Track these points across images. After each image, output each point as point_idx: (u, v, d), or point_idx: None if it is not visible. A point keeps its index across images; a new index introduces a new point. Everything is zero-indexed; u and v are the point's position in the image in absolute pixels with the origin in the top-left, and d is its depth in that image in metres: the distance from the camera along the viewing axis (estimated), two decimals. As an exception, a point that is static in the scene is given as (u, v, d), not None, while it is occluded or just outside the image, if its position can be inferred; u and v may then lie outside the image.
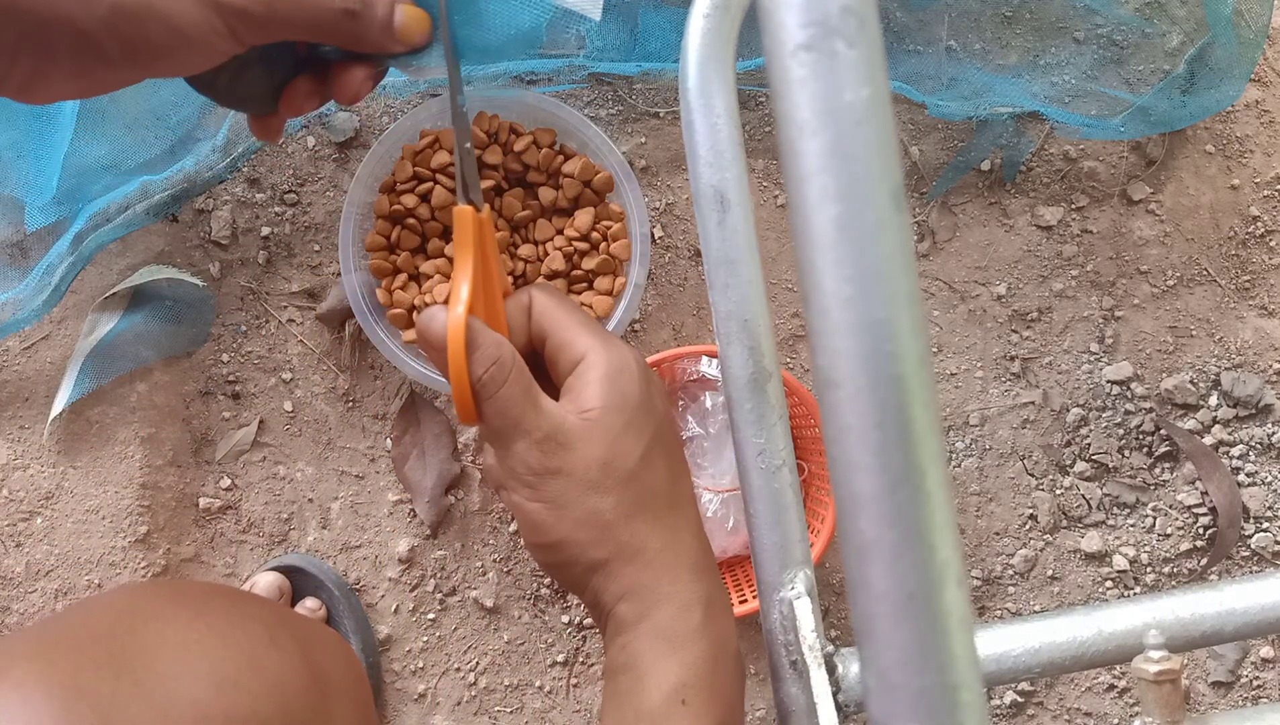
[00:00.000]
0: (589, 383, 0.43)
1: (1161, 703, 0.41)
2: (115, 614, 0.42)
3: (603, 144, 0.74)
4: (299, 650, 0.43)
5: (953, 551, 0.27)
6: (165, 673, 0.39)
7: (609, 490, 0.43)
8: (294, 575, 0.78)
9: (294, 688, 0.41)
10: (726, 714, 0.43)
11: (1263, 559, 0.81)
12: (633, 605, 0.43)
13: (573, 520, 0.43)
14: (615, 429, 0.43)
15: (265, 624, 0.43)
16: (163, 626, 0.41)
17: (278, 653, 0.42)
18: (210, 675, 0.39)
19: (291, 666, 0.42)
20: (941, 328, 0.82)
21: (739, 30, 0.46)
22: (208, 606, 0.43)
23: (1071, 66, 0.81)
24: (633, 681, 0.43)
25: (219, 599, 0.45)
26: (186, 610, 0.42)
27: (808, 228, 0.27)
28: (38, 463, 0.79)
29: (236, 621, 0.43)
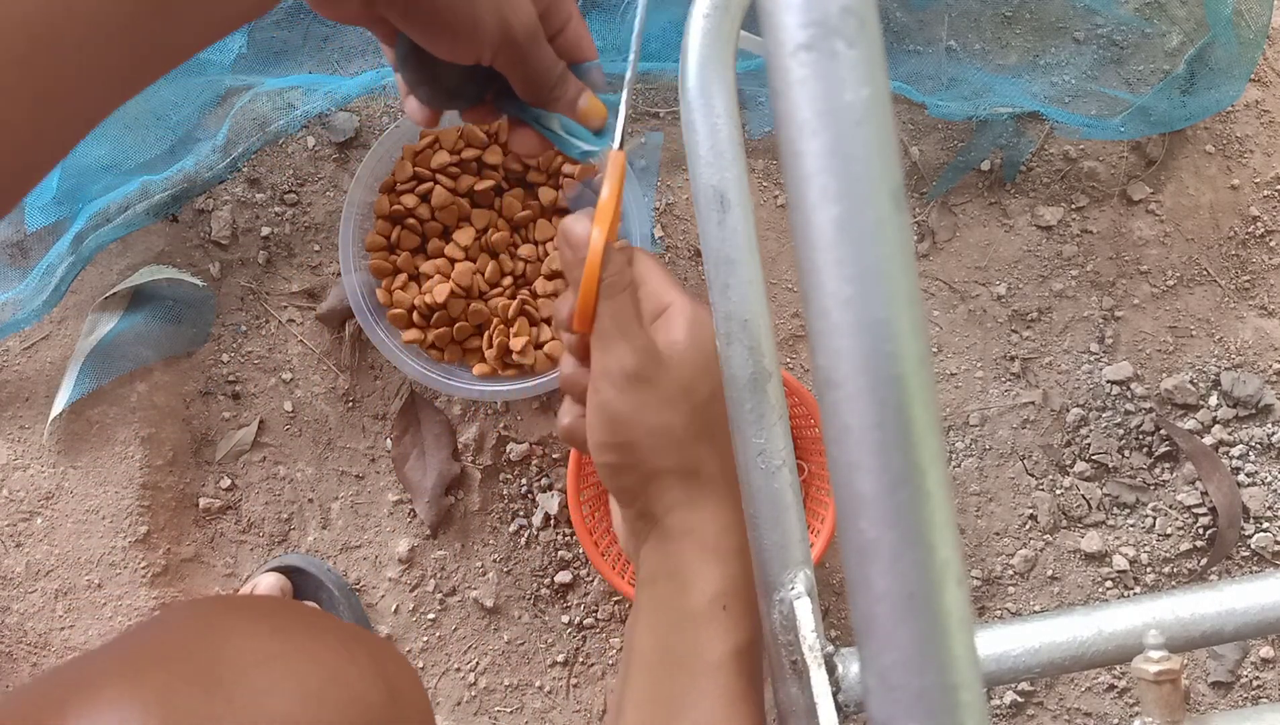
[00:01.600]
0: (675, 324, 0.47)
1: (1161, 703, 0.41)
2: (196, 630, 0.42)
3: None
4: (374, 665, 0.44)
5: (953, 551, 0.27)
6: (253, 687, 0.39)
7: (683, 412, 0.46)
8: (294, 575, 0.78)
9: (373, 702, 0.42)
10: (757, 628, 0.46)
11: (1263, 559, 0.81)
12: (682, 517, 0.47)
13: (647, 426, 0.46)
14: (695, 363, 0.47)
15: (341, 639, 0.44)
16: (243, 642, 0.41)
17: (356, 668, 0.42)
18: (297, 689, 0.40)
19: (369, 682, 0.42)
20: (941, 328, 0.82)
21: (739, 30, 0.46)
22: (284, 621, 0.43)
23: (1071, 66, 0.81)
24: (676, 587, 0.46)
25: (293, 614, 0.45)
26: (264, 625, 0.43)
27: (808, 228, 0.27)
28: (38, 463, 0.79)
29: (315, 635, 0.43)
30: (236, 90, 0.79)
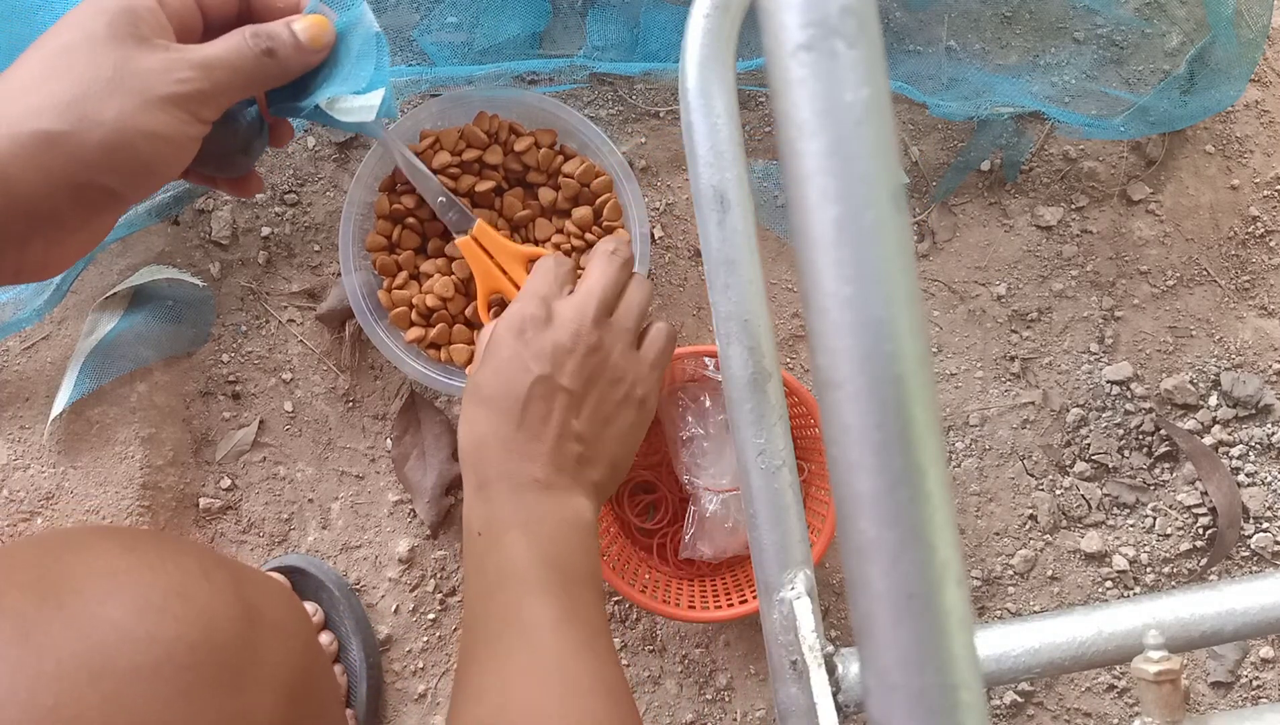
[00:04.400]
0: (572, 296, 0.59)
1: (1161, 703, 0.41)
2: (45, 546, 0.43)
3: (603, 144, 0.74)
4: (232, 586, 0.44)
5: (953, 551, 0.27)
6: (90, 596, 0.40)
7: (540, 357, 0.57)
8: (294, 576, 0.78)
9: (223, 617, 0.42)
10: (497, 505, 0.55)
11: (1263, 559, 0.81)
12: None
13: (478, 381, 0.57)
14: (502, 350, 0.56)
15: (199, 559, 0.45)
16: (91, 558, 0.42)
17: (209, 584, 0.43)
18: (136, 601, 0.40)
19: (222, 599, 0.43)
20: (941, 328, 0.82)
21: (739, 30, 0.46)
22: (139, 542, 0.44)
23: (1071, 66, 0.81)
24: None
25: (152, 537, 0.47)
26: (116, 544, 0.43)
27: (808, 228, 0.27)
28: (38, 463, 0.79)
29: (168, 554, 0.44)
30: (236, 90, 0.79)
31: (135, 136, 0.44)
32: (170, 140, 0.46)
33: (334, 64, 0.55)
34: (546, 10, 0.79)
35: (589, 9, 0.79)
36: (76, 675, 0.37)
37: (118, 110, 0.44)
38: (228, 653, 0.41)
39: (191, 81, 0.46)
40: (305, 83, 0.55)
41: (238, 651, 0.42)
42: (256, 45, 0.49)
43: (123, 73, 0.44)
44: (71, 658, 0.37)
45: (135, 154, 0.45)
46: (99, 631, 0.38)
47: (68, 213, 0.45)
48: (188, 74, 0.46)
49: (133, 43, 0.46)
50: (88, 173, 0.44)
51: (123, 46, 0.45)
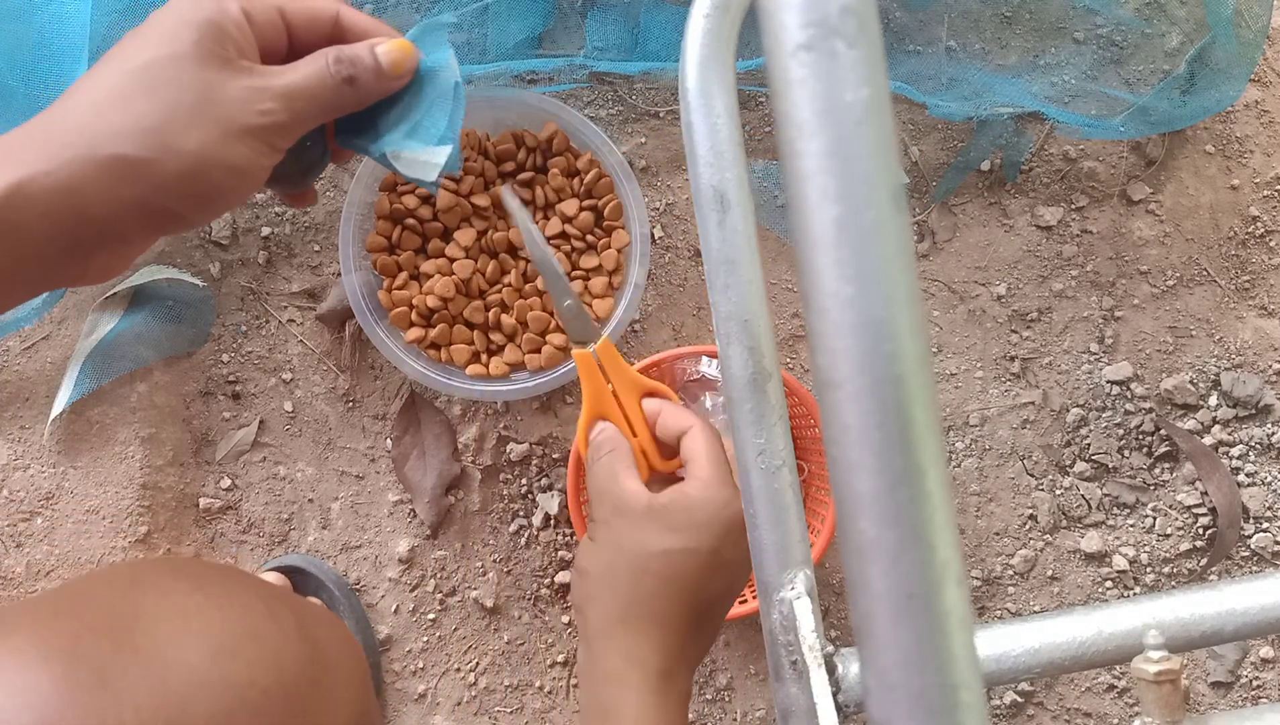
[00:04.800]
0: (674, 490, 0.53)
1: (1161, 703, 0.41)
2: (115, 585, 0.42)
3: (603, 144, 0.74)
4: (297, 625, 0.44)
5: (953, 551, 0.27)
6: (163, 640, 0.39)
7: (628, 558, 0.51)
8: (294, 575, 0.78)
9: (291, 659, 0.42)
10: None
11: (1263, 559, 0.81)
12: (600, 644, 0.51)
13: (597, 561, 0.52)
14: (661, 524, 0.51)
15: (263, 598, 0.44)
16: (161, 598, 0.41)
17: (276, 625, 0.43)
18: (208, 644, 0.40)
19: (289, 639, 0.43)
20: (941, 328, 0.82)
21: (739, 30, 0.46)
22: (205, 579, 0.44)
23: (1071, 66, 0.81)
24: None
25: (217, 573, 0.46)
26: (185, 582, 0.43)
27: (808, 228, 0.27)
28: (38, 463, 0.79)
29: (235, 594, 0.43)
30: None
31: (213, 168, 0.44)
32: (245, 172, 0.45)
33: (408, 106, 0.53)
34: (548, 10, 0.79)
35: (589, 9, 0.79)
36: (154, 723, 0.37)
37: (199, 141, 0.43)
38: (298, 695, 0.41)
39: (273, 114, 0.46)
40: (376, 116, 0.53)
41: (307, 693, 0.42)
42: (339, 73, 0.48)
43: (207, 100, 0.44)
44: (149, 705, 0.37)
45: (210, 184, 0.44)
46: (175, 677, 0.38)
47: (135, 232, 0.44)
48: (269, 105, 0.45)
49: (218, 64, 0.44)
50: (162, 199, 0.43)
51: (208, 68, 0.44)
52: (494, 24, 0.77)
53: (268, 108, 0.45)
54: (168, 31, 0.44)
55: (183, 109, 0.43)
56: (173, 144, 0.43)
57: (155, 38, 0.44)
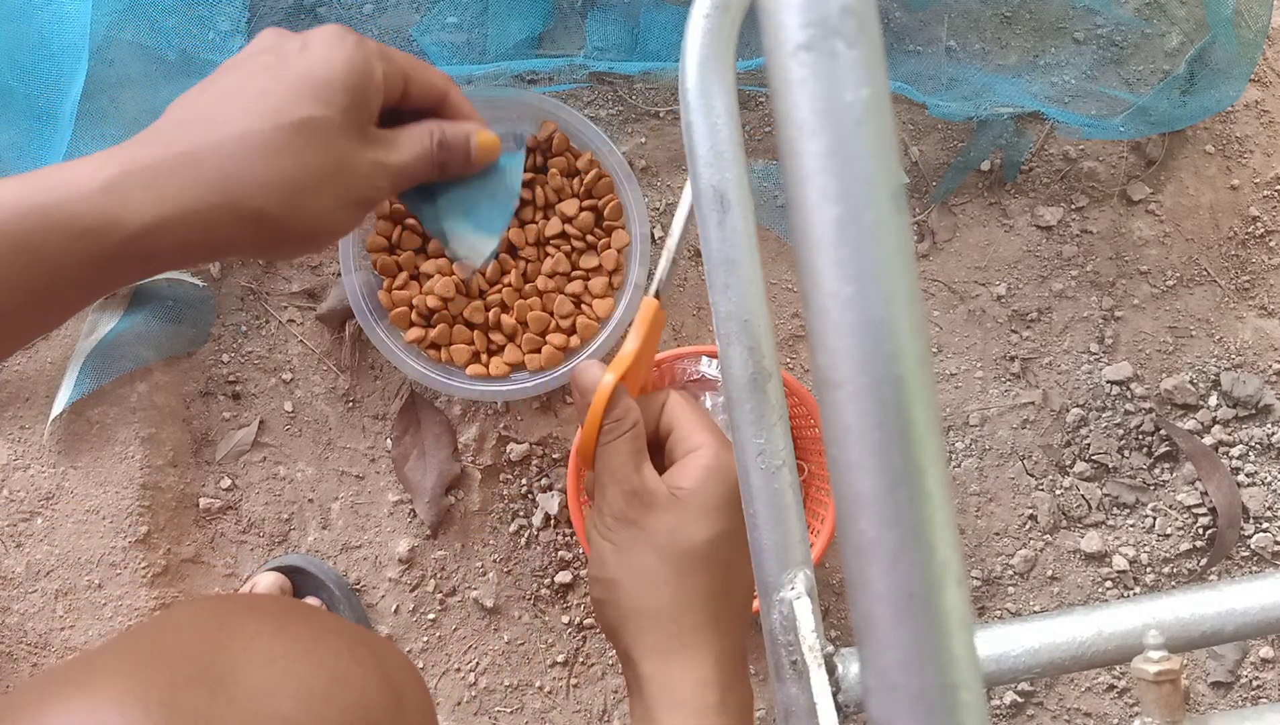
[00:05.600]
0: (690, 469, 0.48)
1: (1161, 703, 0.41)
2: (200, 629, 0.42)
3: (603, 144, 0.74)
4: (378, 666, 0.43)
5: (953, 551, 0.27)
6: (255, 687, 0.39)
7: (668, 557, 0.47)
8: (294, 575, 0.78)
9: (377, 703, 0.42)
10: None
11: (1262, 559, 0.81)
12: (658, 667, 0.47)
13: (631, 567, 0.47)
14: (694, 510, 0.47)
15: (346, 639, 0.44)
16: (248, 642, 0.41)
17: (360, 668, 0.42)
18: (299, 690, 0.39)
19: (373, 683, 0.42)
20: (941, 328, 0.82)
21: (739, 30, 0.46)
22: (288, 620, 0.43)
23: (1071, 66, 0.81)
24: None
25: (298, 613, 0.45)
26: (269, 624, 0.42)
27: (808, 228, 0.27)
28: (38, 463, 0.79)
29: (319, 636, 0.43)
30: (236, 90, 0.79)
31: (324, 230, 0.47)
32: (343, 233, 0.49)
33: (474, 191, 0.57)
34: (548, 10, 0.79)
35: (589, 9, 0.79)
36: None
37: (323, 206, 0.46)
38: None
39: (383, 191, 0.49)
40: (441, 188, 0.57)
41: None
42: (439, 156, 0.52)
43: (340, 168, 0.46)
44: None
45: (314, 242, 0.47)
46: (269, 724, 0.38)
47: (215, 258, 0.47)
48: (383, 183, 0.49)
49: (356, 133, 0.47)
50: (275, 248, 0.47)
51: (348, 137, 0.46)
52: (494, 24, 0.77)
53: (381, 186, 0.48)
54: (323, 90, 0.46)
55: (320, 173, 0.45)
56: (304, 204, 0.45)
57: (311, 94, 0.46)
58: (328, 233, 0.47)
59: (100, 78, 0.73)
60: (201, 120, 0.45)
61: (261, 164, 0.44)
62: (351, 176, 0.47)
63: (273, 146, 0.44)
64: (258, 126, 0.45)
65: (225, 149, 0.44)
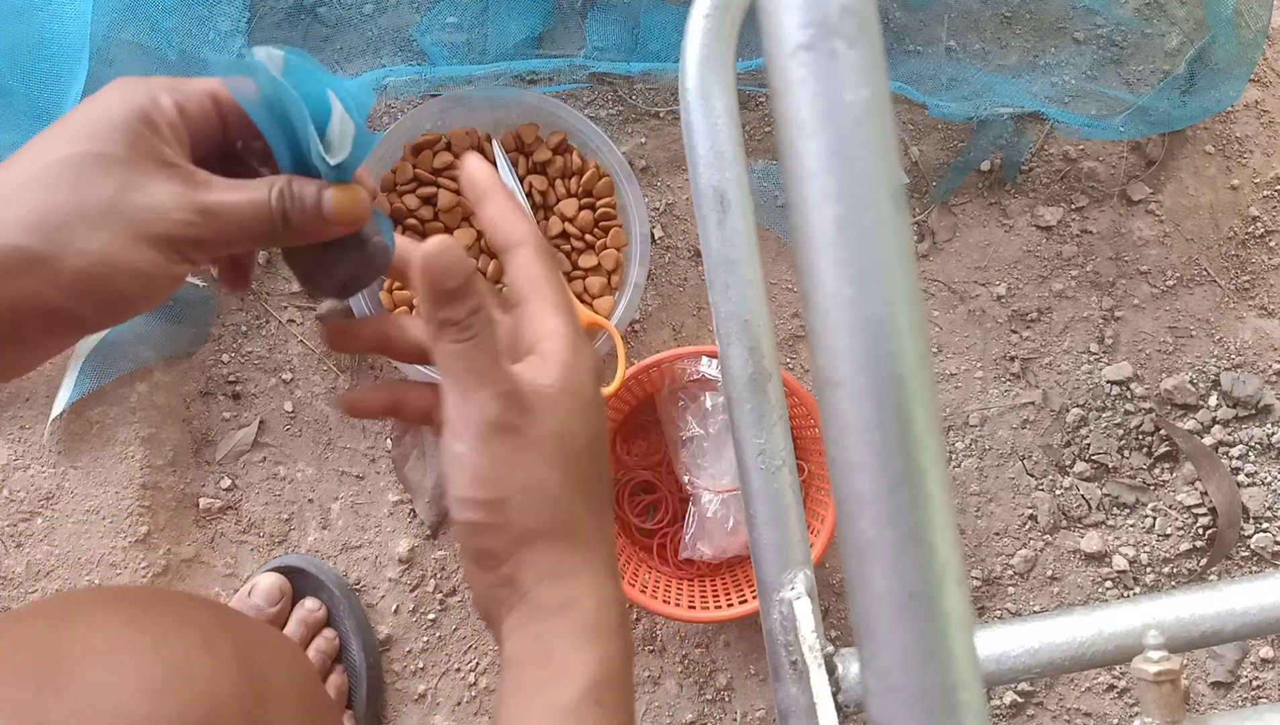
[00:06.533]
0: (549, 361, 0.42)
1: (1161, 703, 0.41)
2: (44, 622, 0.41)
3: (603, 144, 0.74)
4: (237, 657, 0.42)
5: (953, 551, 0.27)
6: (90, 680, 0.38)
7: (558, 464, 0.42)
8: (294, 575, 0.78)
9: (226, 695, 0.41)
10: (631, 717, 0.42)
11: (1262, 559, 0.81)
12: (556, 589, 0.42)
13: (518, 483, 0.41)
14: (569, 409, 0.42)
15: (204, 630, 0.43)
16: (92, 634, 0.40)
17: (213, 660, 0.41)
18: (138, 683, 0.39)
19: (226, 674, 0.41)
20: (941, 328, 0.82)
21: (739, 30, 0.46)
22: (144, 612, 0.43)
23: (1071, 66, 0.81)
24: (547, 675, 0.41)
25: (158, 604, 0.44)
26: (120, 616, 0.42)
27: (808, 228, 0.27)
28: (38, 463, 0.79)
29: (172, 627, 0.42)
30: (236, 90, 0.79)
31: (117, 272, 0.41)
32: (152, 278, 0.42)
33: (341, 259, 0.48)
34: (548, 10, 0.79)
35: (589, 9, 0.79)
36: None
37: (104, 243, 0.40)
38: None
39: (192, 226, 0.42)
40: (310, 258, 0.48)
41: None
42: (278, 205, 0.44)
43: (123, 201, 0.41)
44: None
45: (113, 288, 0.41)
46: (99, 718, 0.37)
47: (32, 331, 0.41)
48: (190, 217, 0.42)
49: (147, 165, 0.42)
50: (58, 299, 0.41)
51: (134, 169, 0.41)
52: (494, 24, 0.77)
53: (187, 220, 0.42)
54: (97, 127, 0.42)
55: (95, 206, 0.40)
56: (76, 242, 0.40)
57: (82, 133, 0.42)
58: (126, 272, 0.41)
59: (100, 78, 0.73)
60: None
61: (22, 202, 0.40)
62: (140, 208, 0.41)
63: (38, 183, 0.40)
64: (24, 168, 0.41)
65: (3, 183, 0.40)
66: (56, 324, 0.41)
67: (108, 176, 0.41)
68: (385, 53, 0.80)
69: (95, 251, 0.40)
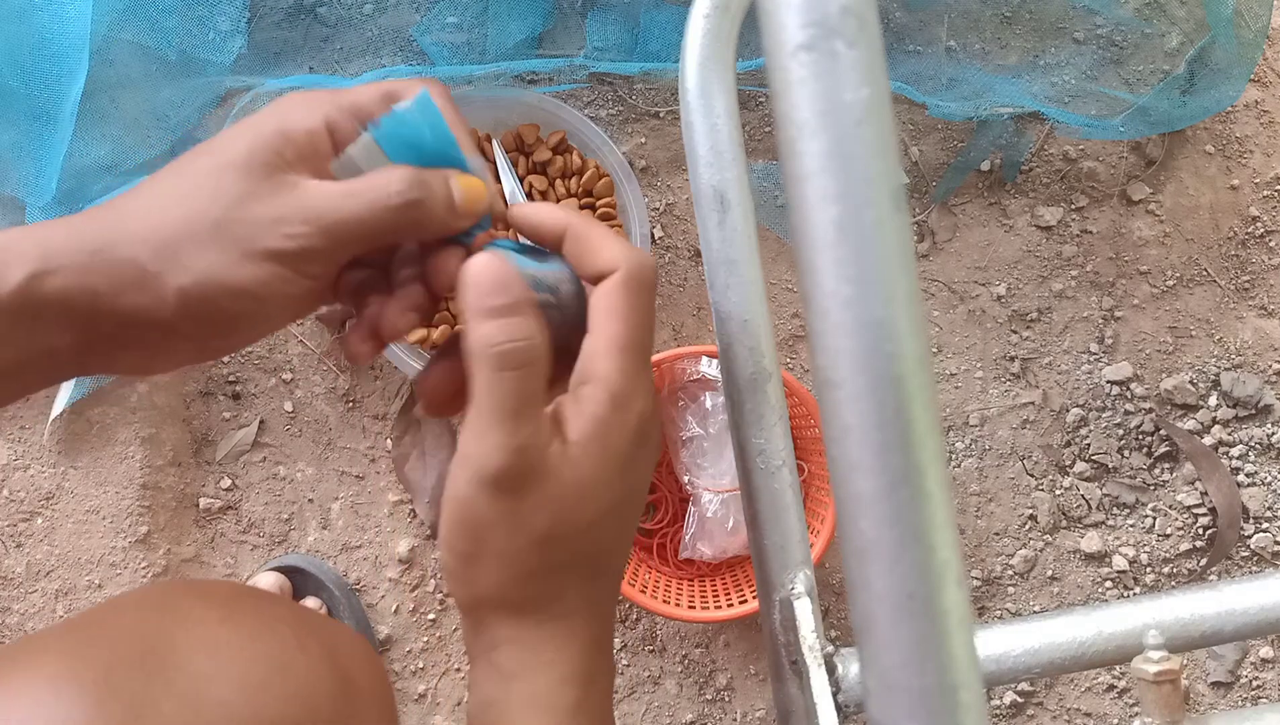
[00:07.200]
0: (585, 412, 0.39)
1: (1161, 703, 0.41)
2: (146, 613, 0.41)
3: (603, 144, 0.74)
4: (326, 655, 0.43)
5: (952, 551, 0.27)
6: (196, 673, 0.38)
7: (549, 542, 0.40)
8: (294, 575, 0.78)
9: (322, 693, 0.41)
10: None
11: (1262, 559, 0.81)
12: (513, 654, 0.41)
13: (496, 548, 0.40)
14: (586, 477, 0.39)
15: (293, 628, 0.43)
16: (193, 627, 0.40)
17: (305, 657, 0.41)
18: (240, 677, 0.39)
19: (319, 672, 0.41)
20: (941, 328, 0.82)
21: (739, 30, 0.46)
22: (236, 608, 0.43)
23: (1071, 66, 0.81)
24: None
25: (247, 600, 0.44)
26: (216, 611, 0.42)
27: (808, 228, 0.27)
28: (38, 463, 0.79)
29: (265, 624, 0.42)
30: (237, 91, 0.79)
31: (220, 292, 0.39)
32: (262, 298, 0.40)
33: None
34: (548, 10, 0.79)
35: (589, 9, 0.79)
36: None
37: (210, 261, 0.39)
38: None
39: (300, 238, 0.40)
40: None
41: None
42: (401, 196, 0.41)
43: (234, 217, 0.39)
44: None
45: (217, 307, 0.40)
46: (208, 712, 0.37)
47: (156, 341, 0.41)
48: (298, 230, 0.40)
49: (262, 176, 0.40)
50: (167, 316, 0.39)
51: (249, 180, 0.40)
52: (494, 24, 0.77)
53: (297, 231, 0.40)
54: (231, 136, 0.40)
55: (205, 222, 0.39)
56: (183, 260, 0.39)
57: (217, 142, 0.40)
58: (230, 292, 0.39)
59: (100, 78, 0.73)
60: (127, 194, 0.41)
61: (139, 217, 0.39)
62: (246, 225, 0.39)
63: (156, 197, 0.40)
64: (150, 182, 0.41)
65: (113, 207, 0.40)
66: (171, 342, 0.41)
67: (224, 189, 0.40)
68: (385, 53, 0.80)
69: (199, 270, 0.39)
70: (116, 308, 0.39)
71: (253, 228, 0.39)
